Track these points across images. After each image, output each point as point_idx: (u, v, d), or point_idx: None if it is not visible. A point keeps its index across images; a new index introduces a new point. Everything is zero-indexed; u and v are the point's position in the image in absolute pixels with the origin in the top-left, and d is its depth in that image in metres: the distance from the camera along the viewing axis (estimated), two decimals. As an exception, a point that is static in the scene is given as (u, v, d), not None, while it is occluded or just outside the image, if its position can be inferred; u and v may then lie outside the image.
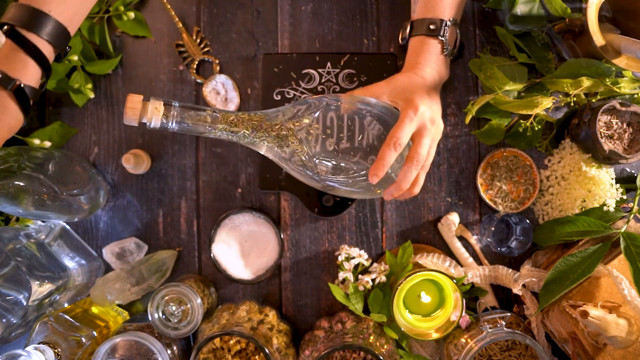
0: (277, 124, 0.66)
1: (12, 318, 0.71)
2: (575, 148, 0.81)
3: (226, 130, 0.65)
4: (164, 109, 0.63)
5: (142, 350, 0.74)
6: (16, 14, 0.66)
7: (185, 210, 0.86)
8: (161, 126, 0.64)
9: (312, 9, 0.86)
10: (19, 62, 0.66)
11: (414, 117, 0.67)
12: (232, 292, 0.86)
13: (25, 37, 0.66)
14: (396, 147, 0.65)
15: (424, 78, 0.72)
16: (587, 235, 0.75)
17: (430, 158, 0.70)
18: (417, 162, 0.67)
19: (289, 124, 0.66)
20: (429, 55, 0.74)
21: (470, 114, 0.78)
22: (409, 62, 0.76)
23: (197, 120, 0.64)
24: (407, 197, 0.72)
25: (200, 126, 0.65)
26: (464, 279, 0.79)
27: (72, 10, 0.69)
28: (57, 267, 0.77)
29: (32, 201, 0.71)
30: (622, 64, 0.75)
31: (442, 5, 0.75)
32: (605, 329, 0.68)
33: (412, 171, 0.67)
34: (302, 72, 0.84)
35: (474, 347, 0.73)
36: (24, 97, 0.66)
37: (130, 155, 0.81)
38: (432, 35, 0.74)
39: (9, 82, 0.65)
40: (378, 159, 0.65)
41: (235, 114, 0.66)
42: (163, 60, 0.86)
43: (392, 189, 0.69)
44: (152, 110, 0.63)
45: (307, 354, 0.77)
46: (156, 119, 0.63)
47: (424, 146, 0.68)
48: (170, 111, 0.63)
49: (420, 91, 0.70)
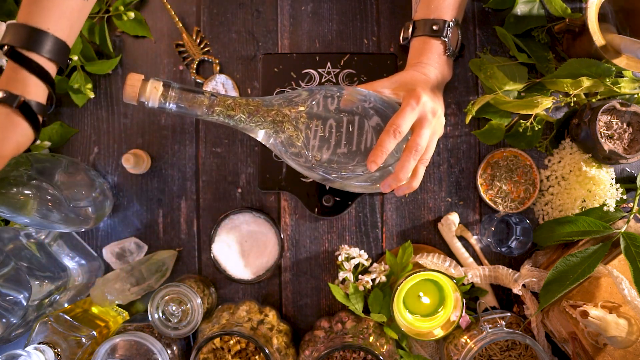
0: (273, 109, 0.66)
1: (12, 318, 0.71)
2: (575, 148, 0.81)
3: (223, 114, 0.66)
4: (162, 89, 0.64)
5: (142, 350, 0.74)
6: (15, 35, 0.66)
7: (185, 210, 0.86)
8: (159, 106, 0.64)
9: (312, 9, 0.86)
10: (22, 80, 0.66)
11: (416, 106, 0.66)
12: (232, 292, 0.86)
13: (26, 56, 0.66)
14: (396, 135, 0.64)
15: (427, 76, 0.72)
16: (587, 235, 0.75)
17: (430, 151, 0.69)
18: (415, 152, 0.66)
19: (285, 110, 0.66)
20: (432, 55, 0.74)
21: (470, 114, 0.78)
22: (411, 61, 0.76)
23: (194, 103, 0.65)
24: (406, 191, 0.70)
25: (197, 108, 0.65)
26: (464, 279, 0.79)
27: (70, 24, 0.69)
28: (57, 267, 0.77)
29: (39, 211, 0.71)
30: (622, 64, 0.75)
31: (445, 5, 0.74)
32: (605, 329, 0.68)
33: (411, 161, 0.66)
34: (302, 72, 0.84)
35: (474, 347, 0.73)
36: (31, 114, 0.67)
37: (130, 155, 0.81)
38: (435, 36, 0.74)
39: (13, 99, 0.65)
40: (377, 145, 0.64)
41: (232, 98, 0.66)
42: (163, 60, 0.86)
43: (390, 179, 0.67)
44: (150, 89, 0.64)
45: (307, 354, 0.77)
46: (154, 98, 0.64)
47: (423, 137, 0.67)
48: (169, 92, 0.64)
49: (423, 85, 0.70)
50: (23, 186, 0.70)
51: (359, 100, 0.68)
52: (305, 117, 0.66)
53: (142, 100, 0.64)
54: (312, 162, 0.67)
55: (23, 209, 0.70)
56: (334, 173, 0.68)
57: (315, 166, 0.67)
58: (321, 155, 0.67)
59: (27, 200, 0.70)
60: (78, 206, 0.76)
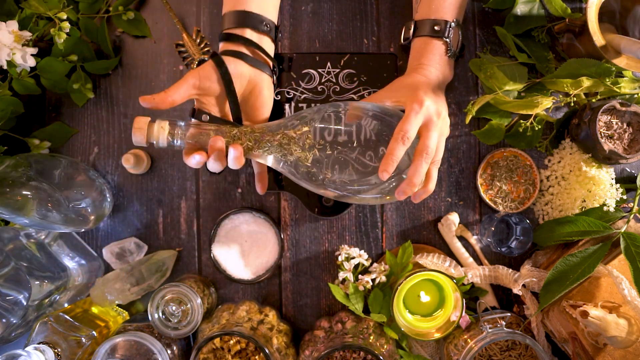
0: (278, 133, 0.67)
1: (12, 318, 0.71)
2: (575, 148, 0.81)
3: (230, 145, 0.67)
4: (169, 127, 0.66)
5: (142, 350, 0.74)
6: None
7: (185, 210, 0.86)
8: (168, 145, 0.66)
9: (312, 9, 0.86)
10: None
11: (420, 109, 0.66)
12: (232, 292, 0.86)
13: None
14: (404, 141, 0.64)
15: (427, 77, 0.72)
16: (587, 235, 0.75)
17: (440, 152, 0.69)
18: (426, 155, 0.66)
19: (290, 132, 0.67)
20: (433, 56, 0.74)
21: (470, 114, 0.78)
22: (412, 62, 0.76)
23: (200, 138, 0.67)
24: (423, 196, 0.70)
25: (204, 143, 0.67)
26: (464, 279, 0.79)
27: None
28: (57, 267, 0.77)
29: (38, 211, 0.71)
30: (622, 64, 0.75)
31: (446, 6, 0.74)
32: (605, 329, 0.68)
33: (423, 164, 0.66)
34: (302, 72, 0.84)
35: (474, 347, 0.73)
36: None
37: (130, 155, 0.81)
38: (437, 37, 0.74)
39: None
40: (386, 154, 0.64)
41: (237, 127, 0.68)
42: (163, 60, 0.86)
43: (404, 185, 0.66)
44: (158, 129, 0.66)
45: (307, 354, 0.77)
46: (162, 138, 0.66)
47: (431, 139, 0.66)
48: (175, 130, 0.66)
49: (425, 87, 0.70)
50: (22, 187, 0.70)
51: (363, 114, 0.68)
52: (311, 138, 0.67)
53: (152, 142, 0.66)
54: (324, 181, 0.67)
55: (22, 210, 0.70)
56: (348, 188, 0.68)
57: (327, 184, 0.68)
58: (332, 173, 0.67)
59: (26, 201, 0.70)
60: (78, 206, 0.76)
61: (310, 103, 0.84)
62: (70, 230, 0.79)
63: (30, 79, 0.79)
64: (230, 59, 0.71)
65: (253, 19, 0.72)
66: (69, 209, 0.74)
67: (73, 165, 0.79)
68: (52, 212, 0.72)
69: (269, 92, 0.74)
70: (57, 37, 0.76)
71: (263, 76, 0.73)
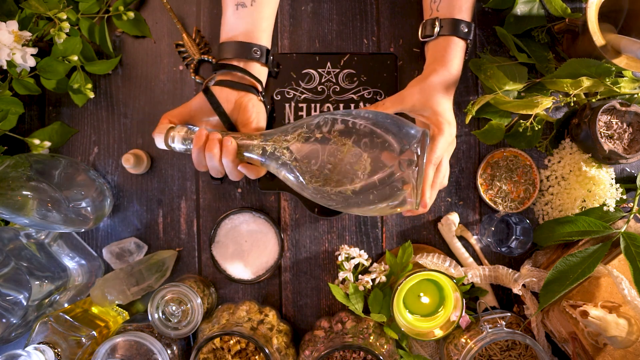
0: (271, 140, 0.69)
1: (12, 318, 0.71)
2: (575, 148, 0.81)
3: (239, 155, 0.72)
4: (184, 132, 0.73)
5: (142, 350, 0.74)
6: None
7: (185, 210, 0.86)
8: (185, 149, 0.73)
9: (312, 9, 0.86)
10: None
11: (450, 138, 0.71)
12: (232, 292, 0.86)
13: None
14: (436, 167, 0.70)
15: (445, 78, 0.74)
16: (587, 235, 0.75)
17: (447, 177, 0.73)
18: (441, 185, 0.72)
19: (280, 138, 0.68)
20: (454, 56, 0.75)
21: (470, 114, 0.78)
22: (434, 57, 0.76)
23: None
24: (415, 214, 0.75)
25: None
26: (464, 279, 0.79)
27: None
28: (57, 267, 0.77)
29: (38, 211, 0.71)
30: (622, 64, 0.75)
31: (468, 7, 0.76)
32: (605, 329, 0.68)
33: (436, 192, 0.71)
34: (302, 72, 0.84)
35: (474, 347, 0.73)
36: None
37: (130, 155, 0.81)
38: (462, 37, 0.75)
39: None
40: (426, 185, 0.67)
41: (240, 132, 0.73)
42: (163, 60, 0.86)
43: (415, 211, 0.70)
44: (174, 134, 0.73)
45: (307, 354, 0.77)
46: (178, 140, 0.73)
47: (444, 166, 0.71)
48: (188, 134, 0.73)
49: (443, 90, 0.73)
50: (22, 187, 0.70)
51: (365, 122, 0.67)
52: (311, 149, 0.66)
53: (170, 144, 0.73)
54: (330, 194, 0.67)
55: (22, 210, 0.70)
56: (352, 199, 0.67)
57: (331, 196, 0.67)
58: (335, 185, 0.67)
59: (26, 201, 0.70)
60: (78, 206, 0.76)
61: (310, 103, 0.84)
62: (70, 230, 0.79)
63: (30, 79, 0.79)
64: (217, 88, 0.76)
65: (243, 48, 0.76)
66: (69, 209, 0.74)
67: (73, 165, 0.79)
68: (52, 212, 0.72)
69: (255, 107, 0.76)
70: (57, 37, 0.76)
71: (249, 96, 0.77)
